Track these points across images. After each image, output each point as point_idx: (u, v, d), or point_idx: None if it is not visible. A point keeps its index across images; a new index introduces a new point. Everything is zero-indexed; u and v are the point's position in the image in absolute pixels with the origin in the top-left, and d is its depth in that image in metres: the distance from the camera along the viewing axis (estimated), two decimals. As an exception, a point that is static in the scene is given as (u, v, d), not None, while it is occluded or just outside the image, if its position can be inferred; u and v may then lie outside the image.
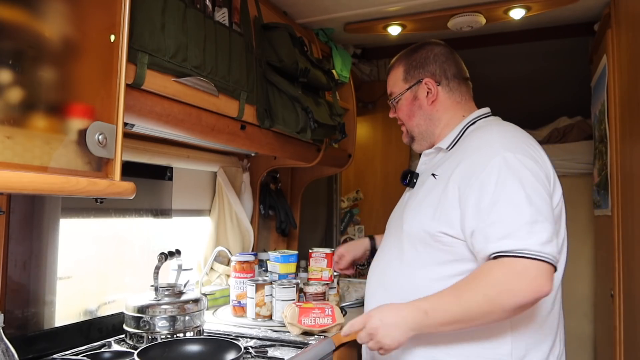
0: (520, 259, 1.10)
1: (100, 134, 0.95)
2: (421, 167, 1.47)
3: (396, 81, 1.50)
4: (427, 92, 1.43)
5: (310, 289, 1.87)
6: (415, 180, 1.44)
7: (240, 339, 1.57)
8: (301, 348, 1.52)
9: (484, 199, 1.17)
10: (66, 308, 1.54)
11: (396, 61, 1.52)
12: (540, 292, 1.10)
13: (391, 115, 1.56)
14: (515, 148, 1.23)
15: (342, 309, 1.87)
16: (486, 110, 1.44)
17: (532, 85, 3.21)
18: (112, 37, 0.99)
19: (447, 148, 1.38)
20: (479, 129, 1.36)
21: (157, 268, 1.58)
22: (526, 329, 1.23)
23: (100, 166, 0.97)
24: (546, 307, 1.26)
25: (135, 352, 1.29)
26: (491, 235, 1.14)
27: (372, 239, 1.82)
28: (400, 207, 1.48)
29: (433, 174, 1.34)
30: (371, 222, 3.41)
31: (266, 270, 2.05)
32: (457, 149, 1.35)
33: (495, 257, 1.13)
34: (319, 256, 1.99)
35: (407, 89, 1.46)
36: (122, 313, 1.58)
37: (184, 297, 1.58)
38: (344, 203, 3.46)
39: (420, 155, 1.52)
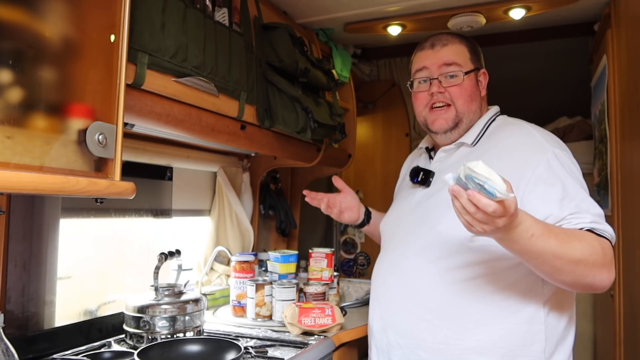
0: (609, 243, 1.13)
1: (100, 134, 0.95)
2: (435, 164, 1.44)
3: (462, 55, 1.38)
4: (479, 83, 1.42)
5: (310, 289, 1.86)
6: (431, 179, 1.40)
7: (240, 339, 1.57)
8: (301, 348, 1.52)
9: (550, 191, 1.17)
10: (66, 308, 1.54)
11: (454, 37, 1.41)
12: (612, 278, 1.13)
13: (435, 89, 1.37)
14: (561, 146, 1.27)
15: (342, 309, 1.87)
16: (498, 108, 1.46)
17: (532, 85, 3.20)
18: (112, 37, 0.99)
19: (471, 143, 1.37)
20: (507, 126, 1.36)
21: (157, 268, 1.58)
22: (556, 327, 1.24)
23: (100, 166, 0.97)
24: (573, 302, 1.29)
25: (135, 352, 1.29)
26: (577, 218, 1.14)
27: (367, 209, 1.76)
28: (408, 206, 1.43)
29: None
30: (371, 222, 3.40)
31: (266, 270, 2.04)
32: (484, 145, 1.34)
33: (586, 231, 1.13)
34: (319, 256, 1.99)
35: (473, 70, 1.39)
36: (122, 313, 1.57)
37: (184, 297, 1.58)
38: (344, 203, 3.45)
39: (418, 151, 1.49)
